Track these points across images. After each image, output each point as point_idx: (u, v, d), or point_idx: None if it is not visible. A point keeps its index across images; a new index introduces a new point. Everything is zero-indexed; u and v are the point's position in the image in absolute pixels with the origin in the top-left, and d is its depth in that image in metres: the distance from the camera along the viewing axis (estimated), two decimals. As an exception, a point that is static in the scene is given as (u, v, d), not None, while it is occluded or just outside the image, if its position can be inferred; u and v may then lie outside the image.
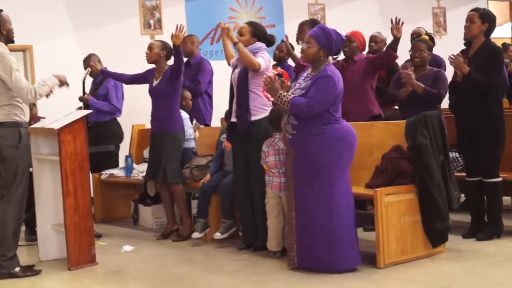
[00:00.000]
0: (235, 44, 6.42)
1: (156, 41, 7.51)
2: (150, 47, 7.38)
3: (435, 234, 5.94)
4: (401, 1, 12.44)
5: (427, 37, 7.36)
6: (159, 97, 7.33)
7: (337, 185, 5.63)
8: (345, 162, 5.69)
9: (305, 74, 5.88)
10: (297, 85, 5.83)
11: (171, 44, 7.16)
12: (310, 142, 5.60)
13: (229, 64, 6.96)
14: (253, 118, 6.46)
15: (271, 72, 6.45)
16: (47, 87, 6.14)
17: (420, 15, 12.71)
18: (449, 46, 9.03)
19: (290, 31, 11.05)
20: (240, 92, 6.48)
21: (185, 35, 8.92)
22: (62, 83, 6.35)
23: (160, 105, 7.34)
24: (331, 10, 12.17)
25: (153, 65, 7.50)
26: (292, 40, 7.89)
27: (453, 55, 6.55)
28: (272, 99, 5.91)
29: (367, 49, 7.86)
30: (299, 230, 5.76)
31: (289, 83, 6.03)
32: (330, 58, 5.92)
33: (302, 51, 5.78)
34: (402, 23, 6.96)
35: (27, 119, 6.17)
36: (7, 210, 6.00)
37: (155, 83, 7.40)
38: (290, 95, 5.66)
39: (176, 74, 7.18)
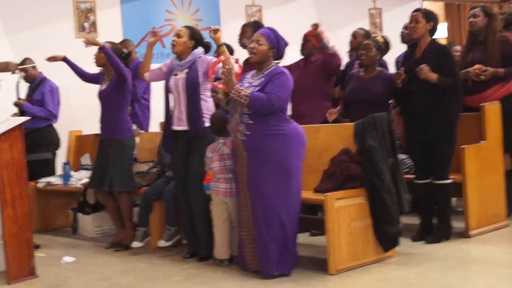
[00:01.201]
0: (220, 45, 6.26)
1: (106, 43, 7.25)
2: (98, 49, 7.11)
3: (386, 239, 5.88)
4: (337, 2, 12.46)
5: (381, 39, 7.25)
6: (106, 102, 7.11)
7: (294, 186, 5.58)
8: (300, 163, 5.64)
9: (249, 75, 5.78)
10: (246, 84, 5.71)
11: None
12: (267, 142, 5.51)
13: (142, 77, 6.83)
14: (206, 125, 6.32)
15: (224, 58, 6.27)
16: None
17: (356, 16, 12.74)
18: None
19: (227, 32, 10.97)
20: (191, 99, 6.31)
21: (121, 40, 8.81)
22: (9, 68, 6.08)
23: (108, 109, 7.11)
24: (268, 12, 12.10)
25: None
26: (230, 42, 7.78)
27: (418, 68, 6.40)
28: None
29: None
30: (256, 234, 5.65)
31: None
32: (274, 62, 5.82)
33: (252, 49, 5.67)
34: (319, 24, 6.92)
35: None
36: None
37: (103, 86, 7.18)
38: (247, 90, 5.54)
39: (120, 79, 6.99)
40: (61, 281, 6.05)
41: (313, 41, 6.97)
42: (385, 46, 7.20)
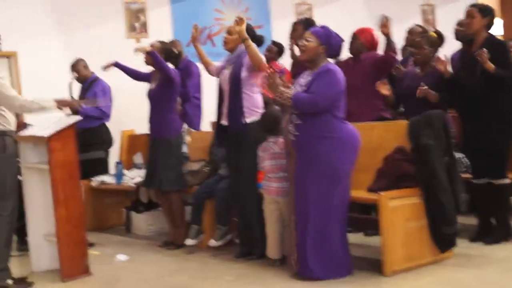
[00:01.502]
0: (245, 39, 6.15)
1: (156, 42, 7.25)
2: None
3: (443, 239, 5.76)
4: (388, -1, 12.33)
5: (434, 34, 7.13)
6: (154, 101, 7.13)
7: (340, 191, 5.49)
8: (351, 167, 5.54)
9: (305, 75, 5.71)
10: (297, 84, 5.67)
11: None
12: (316, 145, 5.43)
13: (209, 72, 6.85)
14: (246, 121, 6.27)
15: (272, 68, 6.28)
16: (38, 107, 5.91)
17: (408, 13, 12.58)
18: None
19: (277, 31, 10.95)
20: (233, 93, 6.30)
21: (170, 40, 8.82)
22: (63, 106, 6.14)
23: (156, 109, 7.13)
24: (318, 10, 12.03)
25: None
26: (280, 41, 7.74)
27: (479, 51, 6.27)
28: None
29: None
30: (299, 235, 5.58)
31: (290, 85, 5.86)
32: (330, 60, 5.75)
33: (302, 46, 5.61)
34: (389, 19, 6.78)
35: (12, 127, 5.91)
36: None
37: (152, 86, 7.21)
38: (291, 92, 5.48)
39: (167, 80, 7.00)
40: (115, 280, 6.08)
41: (385, 34, 6.80)
42: (439, 40, 7.09)
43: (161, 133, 7.07)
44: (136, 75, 7.67)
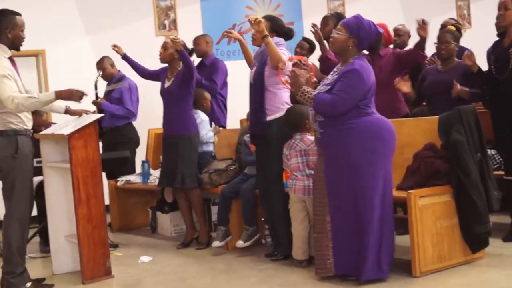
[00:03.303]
0: (264, 37, 6.00)
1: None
2: (164, 47, 7.03)
3: (475, 239, 5.56)
4: (423, -6, 12.11)
5: (453, 28, 6.95)
6: (171, 99, 7.03)
7: (375, 186, 5.20)
8: (381, 159, 5.24)
9: (335, 69, 5.50)
10: (325, 80, 5.46)
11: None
12: (338, 139, 5.23)
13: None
14: (268, 118, 6.13)
15: (295, 60, 6.09)
16: (38, 102, 5.73)
17: (443, 9, 12.34)
18: (474, 39, 8.73)
19: (309, 28, 10.77)
20: (255, 91, 6.20)
21: (199, 34, 8.70)
22: (67, 99, 5.98)
23: (172, 106, 7.03)
24: (351, 6, 11.85)
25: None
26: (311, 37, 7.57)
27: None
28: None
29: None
30: (335, 236, 5.35)
31: (315, 79, 5.67)
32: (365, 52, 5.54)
33: (331, 38, 5.42)
34: (427, 23, 6.59)
35: (27, 126, 5.78)
36: (10, 224, 5.66)
37: (167, 84, 7.09)
38: (313, 92, 5.27)
39: (188, 77, 6.90)
40: (136, 282, 5.97)
41: (422, 37, 6.61)
42: (459, 34, 6.92)
43: (181, 131, 6.98)
44: (143, 72, 7.68)
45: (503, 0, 6.22)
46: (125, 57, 7.77)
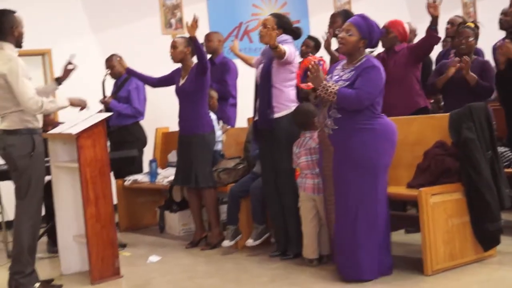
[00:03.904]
0: (274, 48, 5.93)
1: (179, 38, 7.07)
2: (173, 46, 6.98)
3: (486, 237, 5.51)
4: (428, -8, 12.03)
5: (472, 24, 6.91)
6: (186, 97, 6.95)
7: (380, 186, 5.26)
8: (389, 161, 5.33)
9: (339, 66, 5.47)
10: (336, 77, 5.42)
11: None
12: (354, 138, 5.22)
13: (253, 67, 6.74)
14: (275, 115, 6.11)
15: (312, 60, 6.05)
16: (55, 106, 5.79)
17: (448, 6, 12.25)
18: (480, 36, 8.65)
19: (315, 26, 10.75)
20: (263, 88, 6.17)
21: (212, 31, 8.66)
22: (77, 106, 6.03)
23: (187, 105, 6.96)
24: (357, 4, 11.80)
25: (178, 64, 7.12)
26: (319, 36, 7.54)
27: (501, 41, 6.07)
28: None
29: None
30: (338, 234, 5.36)
31: (326, 76, 5.64)
32: (367, 50, 5.51)
33: (342, 39, 5.37)
34: (440, 1, 6.54)
35: (40, 125, 5.79)
36: (22, 223, 5.63)
37: (181, 82, 7.02)
38: (336, 86, 5.24)
39: (202, 70, 6.80)
40: (145, 282, 5.94)
41: (433, 15, 6.55)
42: (477, 30, 6.87)
43: (196, 129, 6.93)
44: (152, 82, 7.47)
45: None
46: (129, 71, 7.53)
